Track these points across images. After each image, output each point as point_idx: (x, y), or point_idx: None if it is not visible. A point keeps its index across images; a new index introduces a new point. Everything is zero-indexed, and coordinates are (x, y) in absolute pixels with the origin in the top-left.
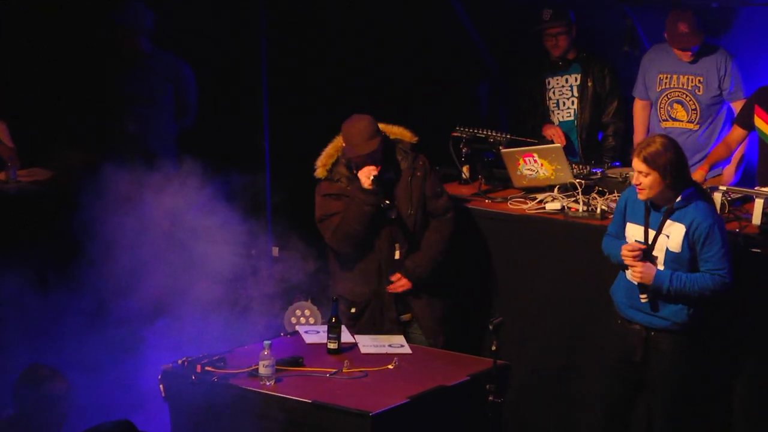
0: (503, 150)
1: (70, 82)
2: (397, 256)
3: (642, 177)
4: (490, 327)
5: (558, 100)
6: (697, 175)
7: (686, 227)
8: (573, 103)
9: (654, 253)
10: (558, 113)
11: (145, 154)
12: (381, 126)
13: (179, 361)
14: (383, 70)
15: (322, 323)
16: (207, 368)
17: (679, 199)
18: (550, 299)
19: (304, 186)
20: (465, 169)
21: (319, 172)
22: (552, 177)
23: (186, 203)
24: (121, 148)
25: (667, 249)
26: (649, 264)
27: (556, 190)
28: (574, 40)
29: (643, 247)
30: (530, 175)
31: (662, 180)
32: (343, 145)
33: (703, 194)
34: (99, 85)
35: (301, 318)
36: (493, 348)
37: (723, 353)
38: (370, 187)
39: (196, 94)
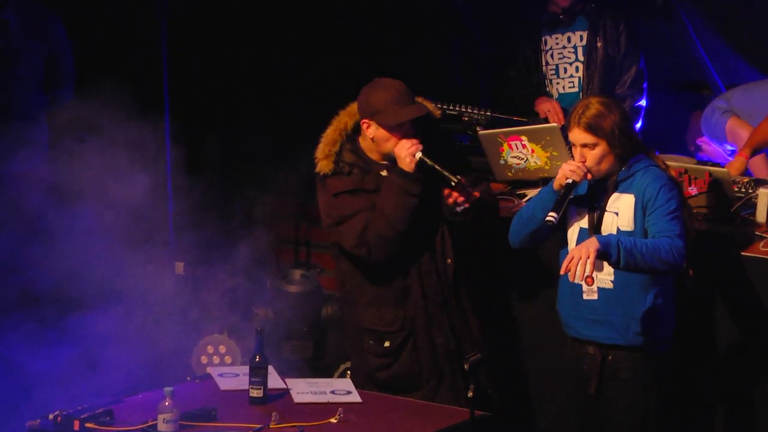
0: (482, 132)
1: None
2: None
3: (588, 151)
4: (466, 366)
5: (557, 65)
6: (737, 163)
7: (636, 196)
8: (577, 69)
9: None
10: (557, 83)
11: (5, 132)
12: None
13: (50, 416)
14: (317, 23)
15: (243, 363)
16: (88, 425)
17: (624, 168)
18: (548, 326)
19: (216, 187)
20: None
21: (323, 165)
22: (546, 167)
23: (59, 201)
24: None
25: (618, 228)
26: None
27: None
28: None
29: (585, 161)
30: (518, 164)
31: (611, 149)
32: (363, 120)
33: (656, 161)
34: None
35: (215, 357)
36: (470, 394)
37: (696, 378)
38: (413, 169)
39: (72, 58)
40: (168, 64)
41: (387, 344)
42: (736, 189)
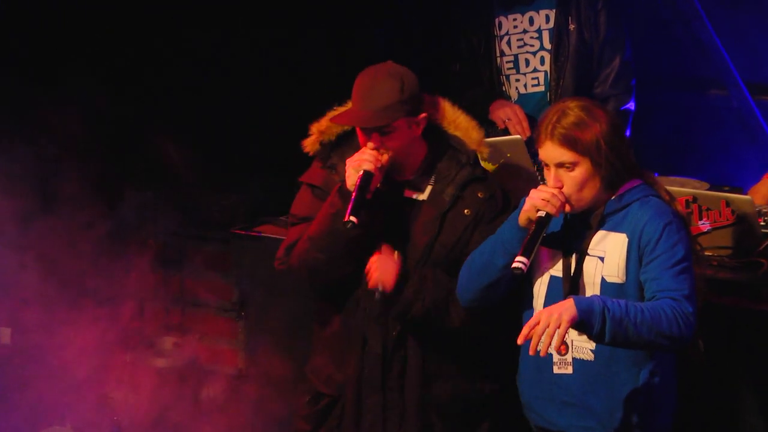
0: None
1: None
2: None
3: (565, 172)
4: None
5: (517, 55)
6: (764, 189)
7: (629, 235)
8: (543, 60)
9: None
10: (517, 79)
11: None
12: (442, 105)
13: None
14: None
15: None
16: None
17: (614, 197)
18: (505, 407)
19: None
20: None
21: (309, 141)
22: None
23: None
24: None
25: (603, 279)
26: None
27: None
28: None
29: (561, 187)
30: None
31: (596, 171)
32: None
33: (658, 189)
34: None
35: None
36: None
37: None
38: (351, 186)
39: None
40: None
41: (320, 406)
42: (763, 223)
